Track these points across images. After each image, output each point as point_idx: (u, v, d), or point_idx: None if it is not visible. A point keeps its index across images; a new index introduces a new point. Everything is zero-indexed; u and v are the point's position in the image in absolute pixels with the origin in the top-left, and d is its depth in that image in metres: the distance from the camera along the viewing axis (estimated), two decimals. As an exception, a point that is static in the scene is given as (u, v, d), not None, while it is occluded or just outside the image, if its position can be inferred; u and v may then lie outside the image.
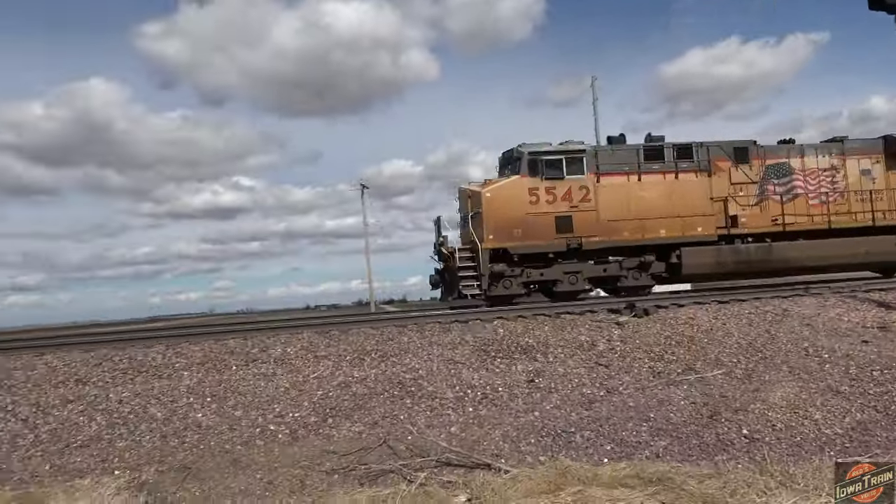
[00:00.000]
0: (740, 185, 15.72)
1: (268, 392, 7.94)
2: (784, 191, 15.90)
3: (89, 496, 6.16)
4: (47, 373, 8.44)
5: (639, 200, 15.15)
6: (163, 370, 8.45)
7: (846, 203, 16.05)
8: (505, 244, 14.47)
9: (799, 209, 15.84)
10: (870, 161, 16.37)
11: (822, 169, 16.17)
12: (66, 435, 7.32)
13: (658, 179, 15.40)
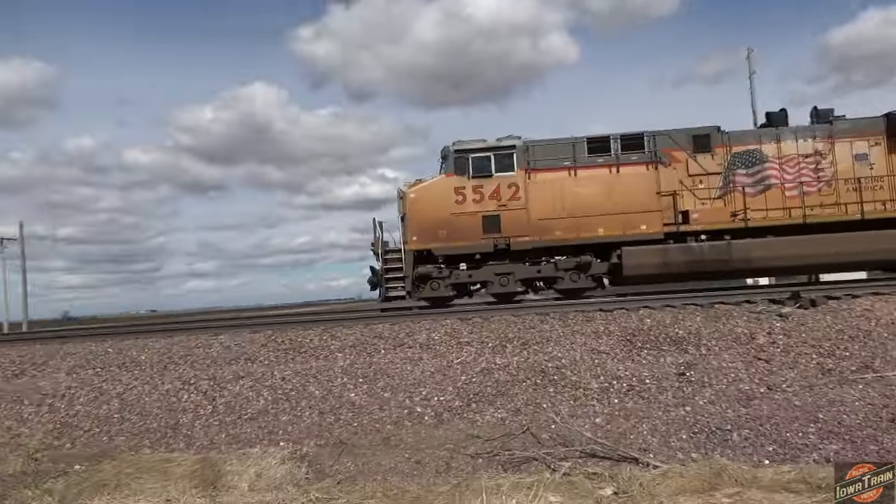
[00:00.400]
0: (699, 177, 14.10)
1: (414, 375, 8.24)
2: (753, 182, 14.02)
3: (259, 464, 6.77)
4: (222, 351, 9.36)
5: (574, 197, 14.09)
6: (319, 352, 9.06)
7: (834, 193, 13.85)
8: (429, 245, 14.06)
9: (772, 202, 13.93)
10: (867, 144, 13.93)
11: (803, 155, 14.07)
12: (238, 407, 8.09)
13: (598, 174, 14.22)
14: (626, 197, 14.00)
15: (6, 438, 7.98)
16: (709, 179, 14.07)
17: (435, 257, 14.11)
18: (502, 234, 13.93)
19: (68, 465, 7.38)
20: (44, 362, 9.70)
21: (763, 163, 14.07)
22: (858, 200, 13.66)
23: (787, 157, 14.06)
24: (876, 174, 13.79)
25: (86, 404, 8.50)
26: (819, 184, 13.92)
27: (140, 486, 6.48)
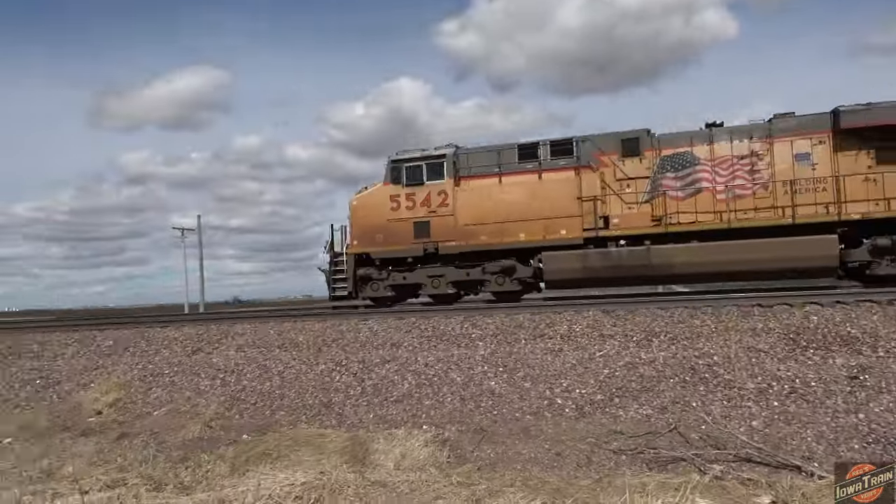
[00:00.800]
0: (626, 182, 13.66)
1: (555, 367, 8.16)
2: (683, 185, 13.36)
3: (403, 445, 7.05)
4: (370, 336, 9.85)
5: (499, 203, 14.20)
6: (461, 339, 9.24)
7: (770, 196, 12.90)
8: (368, 249, 14.92)
9: (702, 206, 13.19)
10: (809, 143, 12.87)
11: (738, 157, 13.19)
12: (384, 390, 8.48)
13: (524, 180, 14.23)
14: (547, 203, 13.96)
15: (187, 407, 8.97)
16: (636, 184, 13.67)
17: (374, 260, 15.01)
18: (431, 239, 14.53)
19: (237, 434, 8.15)
20: (217, 340, 10.75)
21: (693, 165, 13.42)
22: (801, 203, 12.73)
23: (721, 158, 13.33)
24: (818, 175, 12.72)
25: (251, 380, 9.33)
26: (754, 186, 13.10)
27: (298, 458, 7.00)
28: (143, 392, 9.57)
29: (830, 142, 12.81)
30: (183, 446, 7.97)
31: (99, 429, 8.73)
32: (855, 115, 12.62)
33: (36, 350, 11.68)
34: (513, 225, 14.15)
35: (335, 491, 5.68)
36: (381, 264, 15.00)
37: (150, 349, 10.91)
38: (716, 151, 13.41)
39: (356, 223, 15.26)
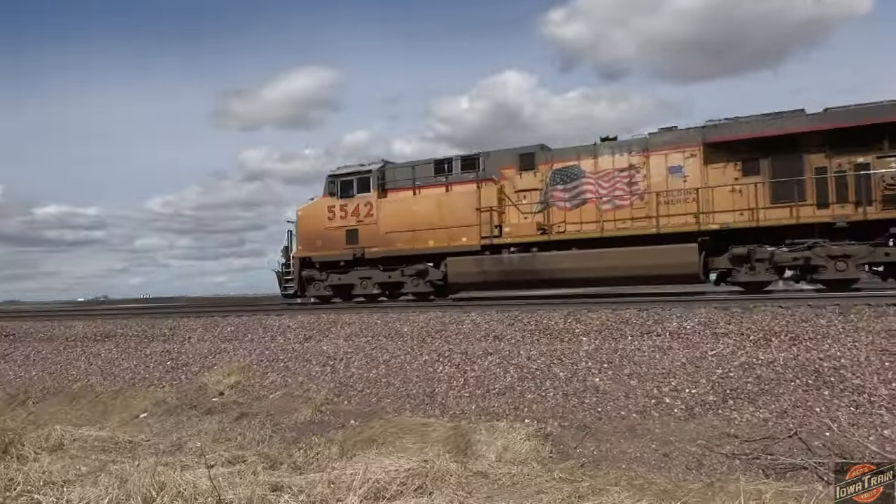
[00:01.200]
0: (523, 193, 14.94)
1: (663, 365, 7.86)
2: (570, 197, 14.48)
3: (505, 437, 7.06)
4: (473, 328, 9.92)
5: (413, 214, 15.81)
6: (564, 334, 9.10)
7: (646, 207, 13.71)
8: (310, 254, 16.98)
9: (586, 216, 14.26)
10: (682, 156, 13.58)
11: (618, 169, 14.12)
12: (486, 382, 8.52)
13: (435, 192, 15.90)
14: (452, 213, 15.42)
15: (300, 392, 9.44)
16: (530, 195, 14.83)
17: (315, 263, 17.00)
18: (360, 245, 16.41)
19: (345, 419, 8.49)
20: (327, 329, 11.22)
21: (580, 178, 14.41)
22: (667, 213, 13.47)
23: (603, 172, 14.26)
24: (689, 186, 13.38)
25: (359, 368, 9.66)
26: (632, 197, 13.91)
27: (402, 445, 7.20)
28: (260, 376, 10.16)
29: (701, 155, 13.42)
30: (296, 428, 8.41)
31: (221, 408, 9.37)
32: (720, 129, 13.30)
33: (167, 334, 12.70)
34: (424, 233, 15.70)
35: (438, 479, 5.79)
36: (321, 267, 16.95)
37: (267, 336, 11.56)
38: (599, 165, 14.38)
39: (301, 231, 17.40)
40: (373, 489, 4.89)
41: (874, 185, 11.98)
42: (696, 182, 13.38)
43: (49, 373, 12.27)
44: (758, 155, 12.96)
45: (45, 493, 5.60)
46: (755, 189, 12.80)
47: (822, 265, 12.30)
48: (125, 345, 12.64)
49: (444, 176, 16.00)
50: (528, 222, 14.78)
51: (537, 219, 14.71)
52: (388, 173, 16.69)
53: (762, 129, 12.81)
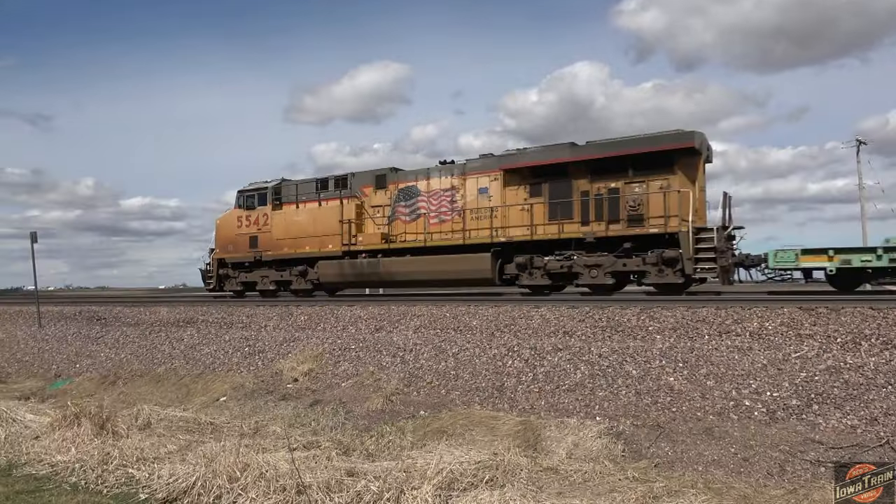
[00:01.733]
0: (377, 208, 17.62)
1: (742, 366, 7.59)
2: (409, 212, 17.04)
3: (576, 434, 7.00)
4: (542, 323, 9.85)
5: (296, 224, 18.94)
6: (637, 332, 8.92)
7: (462, 221, 16.20)
8: (224, 256, 20.46)
9: (420, 228, 16.73)
10: (488, 179, 16.13)
11: (443, 189, 16.64)
12: (556, 378, 8.46)
13: (312, 207, 18.79)
14: (322, 224, 18.39)
15: (371, 381, 9.63)
16: (382, 210, 17.64)
17: (228, 264, 20.49)
18: (258, 250, 19.69)
19: (415, 409, 8.61)
20: (397, 320, 11.40)
21: (416, 196, 17.02)
22: (475, 227, 15.97)
23: (434, 191, 16.82)
24: (492, 205, 15.87)
25: (428, 360, 9.77)
26: (452, 213, 16.44)
27: (471, 437, 7.24)
28: (332, 364, 10.43)
29: (501, 179, 15.95)
30: (367, 416, 8.59)
31: (296, 394, 9.68)
32: (513, 158, 15.96)
33: (245, 321, 13.20)
34: (303, 240, 18.80)
35: (508, 472, 5.80)
36: (233, 267, 20.41)
37: (339, 325, 11.84)
38: (431, 185, 16.97)
39: (218, 236, 20.89)
40: (446, 479, 4.95)
41: (622, 206, 14.37)
42: (496, 202, 15.97)
43: (136, 355, 12.99)
44: (540, 180, 15.52)
45: (138, 468, 5.95)
46: (537, 208, 15.39)
47: (581, 272, 14.75)
48: (206, 331, 13.22)
49: (320, 193, 18.91)
50: (377, 233, 17.60)
51: (384, 230, 17.55)
52: (282, 189, 19.71)
53: (539, 159, 15.42)
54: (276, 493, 4.93)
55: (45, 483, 5.87)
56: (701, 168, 14.40)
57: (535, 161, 15.47)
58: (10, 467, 6.41)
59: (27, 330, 16.48)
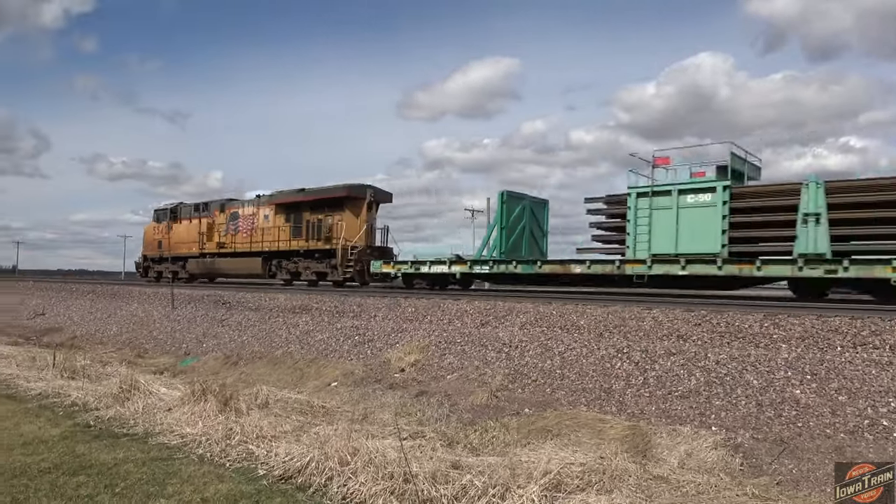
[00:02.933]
0: (219, 225, 26.20)
1: (881, 381, 6.94)
2: (233, 229, 25.45)
3: (689, 443, 6.68)
4: (654, 326, 9.47)
5: (180, 234, 27.98)
6: (759, 339, 8.37)
7: (255, 236, 24.31)
8: (147, 253, 30.54)
9: (239, 240, 25.09)
10: (270, 210, 24.03)
11: (249, 215, 24.91)
12: (668, 383, 8.11)
13: (187, 223, 27.85)
14: (191, 235, 27.08)
15: (475, 375, 9.68)
16: (222, 226, 25.92)
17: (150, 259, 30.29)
18: (162, 250, 28.78)
19: (520, 407, 8.56)
20: (503, 316, 11.37)
21: (238, 219, 25.20)
22: (259, 240, 24.01)
23: (245, 216, 24.90)
24: (269, 226, 23.82)
25: (533, 357, 9.68)
26: (251, 231, 24.50)
27: (577, 439, 7.09)
28: (438, 357, 10.58)
29: (274, 209, 23.73)
30: (471, 410, 8.64)
31: (402, 384, 9.91)
32: (277, 196, 24.05)
33: (355, 310, 13.67)
34: (182, 245, 27.69)
35: (615, 478, 5.62)
36: (151, 261, 30.19)
37: (445, 319, 11.99)
38: (245, 212, 25.09)
39: (145, 240, 31.10)
40: (553, 481, 4.87)
41: (322, 230, 21.84)
42: (270, 224, 23.82)
43: (256, 338, 13.80)
44: (290, 212, 23.21)
45: (257, 444, 6.30)
46: (287, 230, 23.06)
47: (302, 271, 22.61)
48: (319, 318, 13.82)
49: (192, 213, 27.77)
50: (215, 242, 26.15)
51: (220, 240, 25.94)
52: (178, 209, 28.54)
53: (287, 199, 23.40)
54: (384, 480, 5.05)
55: (176, 452, 6.35)
56: (365, 209, 21.64)
57: (286, 199, 23.58)
58: (146, 435, 6.99)
59: (162, 311, 17.96)
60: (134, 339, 16.42)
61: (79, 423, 7.49)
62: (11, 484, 5.27)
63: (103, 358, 13.30)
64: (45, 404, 8.60)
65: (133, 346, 15.86)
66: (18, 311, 23.67)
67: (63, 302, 22.91)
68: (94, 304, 21.20)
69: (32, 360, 11.92)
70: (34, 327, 20.37)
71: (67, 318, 20.58)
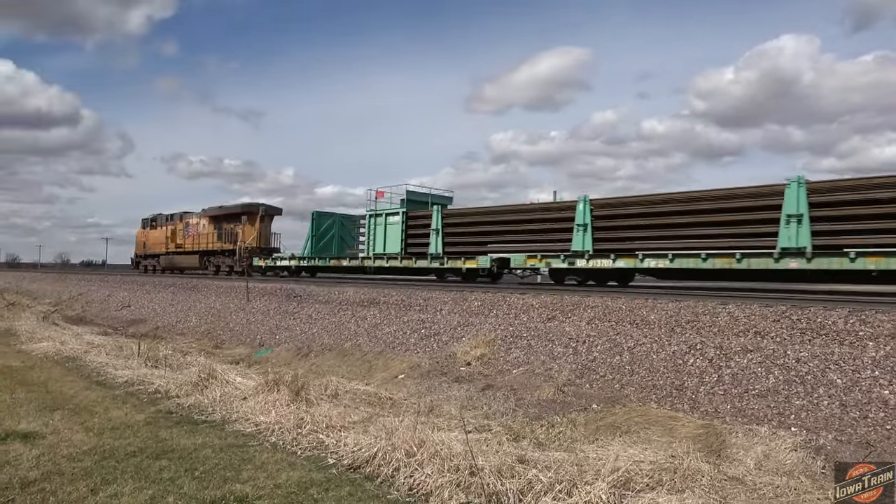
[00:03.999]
0: (180, 231, 34.60)
1: (982, 384, 6.45)
2: (186, 234, 34.08)
3: (766, 444, 6.41)
4: (730, 321, 9.13)
5: (155, 237, 36.94)
6: (844, 336, 7.93)
7: (197, 239, 32.95)
8: (137, 252, 39.61)
9: (187, 242, 33.86)
10: (206, 220, 32.54)
11: (195, 224, 33.39)
12: (744, 381, 7.80)
13: (160, 229, 36.43)
14: (163, 238, 35.73)
15: (541, 370, 9.59)
16: (182, 231, 34.55)
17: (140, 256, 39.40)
18: (146, 250, 37.98)
19: (587, 402, 8.43)
20: (570, 310, 11.22)
21: (189, 226, 33.89)
22: (197, 243, 32.94)
23: (193, 224, 33.57)
24: (204, 232, 32.39)
25: (601, 352, 9.51)
26: (197, 236, 33.10)
27: (647, 437, 6.92)
28: (504, 351, 10.55)
29: (208, 220, 32.25)
30: (538, 405, 8.57)
31: (468, 378, 9.93)
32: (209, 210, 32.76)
33: (422, 304, 13.80)
34: (156, 245, 36.32)
35: (687, 477, 5.46)
36: (139, 257, 38.92)
37: (511, 313, 11.94)
38: (192, 221, 33.71)
39: (137, 240, 39.52)
40: (621, 478, 4.77)
41: (232, 235, 30.14)
42: (204, 231, 32.24)
43: (326, 331, 14.14)
44: (215, 222, 31.70)
45: (327, 434, 6.46)
46: (213, 235, 31.39)
47: (221, 265, 30.98)
48: (387, 311, 14.03)
49: (162, 222, 36.21)
50: (176, 243, 34.61)
51: (179, 242, 34.42)
52: (156, 219, 36.95)
53: (214, 213, 31.87)
54: (450, 472, 5.08)
55: (251, 440, 6.60)
56: (258, 220, 29.54)
57: (213, 213, 31.95)
58: (223, 423, 7.29)
59: (237, 303, 18.66)
60: (212, 331, 17.14)
61: (161, 410, 7.89)
62: (101, 465, 5.61)
63: (183, 348, 13.95)
64: (131, 391, 9.11)
65: (211, 337, 16.56)
66: (108, 303, 25.14)
67: (147, 295, 24.16)
68: (175, 297, 22.26)
69: (119, 349, 12.63)
70: (121, 318, 21.58)
71: (150, 311, 21.70)
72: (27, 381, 9.69)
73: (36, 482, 5.11)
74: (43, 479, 5.19)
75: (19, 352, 12.94)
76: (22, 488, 4.96)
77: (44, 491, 4.92)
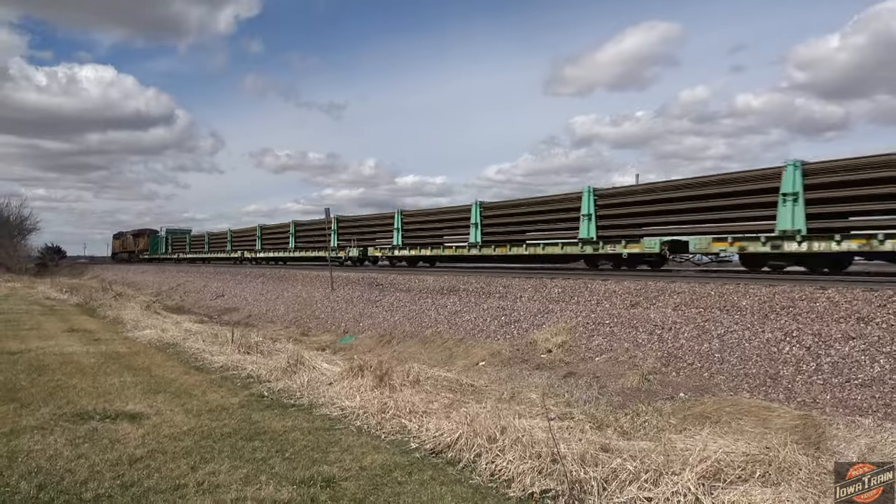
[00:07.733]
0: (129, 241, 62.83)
1: None
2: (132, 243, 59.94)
3: (870, 436, 6.02)
4: (829, 307, 8.59)
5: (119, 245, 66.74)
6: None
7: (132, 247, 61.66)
8: (115, 250, 71.18)
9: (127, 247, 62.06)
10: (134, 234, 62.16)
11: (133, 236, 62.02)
12: (846, 370, 7.34)
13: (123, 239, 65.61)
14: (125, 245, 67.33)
15: (625, 358, 9.38)
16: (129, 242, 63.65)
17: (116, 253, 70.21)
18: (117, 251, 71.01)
19: (674, 391, 8.17)
20: (655, 297, 10.89)
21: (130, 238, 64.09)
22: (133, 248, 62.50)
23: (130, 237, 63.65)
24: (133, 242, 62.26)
25: (689, 340, 9.19)
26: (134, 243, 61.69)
27: (739, 427, 6.64)
28: (586, 338, 10.38)
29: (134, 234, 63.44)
30: (622, 393, 8.39)
31: (549, 365, 9.85)
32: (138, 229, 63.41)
33: (501, 291, 13.77)
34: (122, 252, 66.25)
35: (783, 470, 5.19)
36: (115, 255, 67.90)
37: (593, 300, 11.72)
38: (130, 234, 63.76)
39: (113, 244, 69.53)
40: (711, 469, 4.60)
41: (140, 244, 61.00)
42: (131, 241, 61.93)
43: (408, 318, 14.37)
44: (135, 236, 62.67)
45: (409, 419, 6.58)
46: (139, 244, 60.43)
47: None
48: (466, 299, 14.09)
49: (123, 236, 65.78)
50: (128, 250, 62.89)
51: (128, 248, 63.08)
52: (121, 234, 66.85)
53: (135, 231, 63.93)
54: (532, 459, 5.06)
55: (336, 423, 6.81)
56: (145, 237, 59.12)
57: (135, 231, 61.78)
58: (311, 407, 7.56)
59: (322, 292, 19.27)
60: (299, 319, 17.79)
61: (253, 394, 8.28)
62: (200, 445, 5.94)
63: (273, 335, 14.56)
64: (226, 376, 9.60)
65: (298, 324, 17.19)
66: (203, 293, 26.57)
67: (238, 285, 25.35)
68: (265, 287, 23.24)
69: (215, 336, 13.32)
70: (215, 307, 22.76)
71: (242, 300, 22.75)
72: (133, 365, 10.39)
73: (142, 459, 5.47)
74: (148, 456, 5.56)
75: (125, 339, 13.90)
76: (130, 464, 5.33)
77: (149, 468, 5.26)
